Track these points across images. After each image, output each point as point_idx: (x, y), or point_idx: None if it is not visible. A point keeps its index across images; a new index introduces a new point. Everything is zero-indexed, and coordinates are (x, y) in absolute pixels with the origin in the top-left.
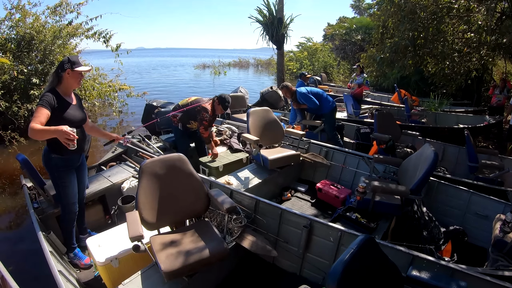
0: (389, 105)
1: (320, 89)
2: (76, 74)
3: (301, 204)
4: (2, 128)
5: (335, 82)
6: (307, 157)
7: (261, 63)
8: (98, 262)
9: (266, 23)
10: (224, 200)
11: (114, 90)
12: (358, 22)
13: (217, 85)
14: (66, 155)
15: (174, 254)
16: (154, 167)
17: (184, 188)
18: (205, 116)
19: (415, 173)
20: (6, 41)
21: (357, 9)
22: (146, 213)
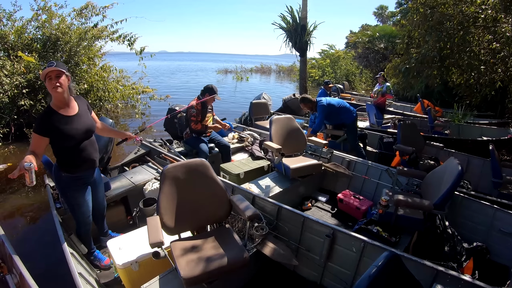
0: (412, 115)
1: (341, 100)
2: (46, 80)
3: (322, 214)
4: (26, 126)
5: (357, 91)
6: (329, 166)
7: (283, 69)
8: (118, 265)
9: (290, 30)
10: (247, 207)
11: (137, 93)
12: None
13: (239, 90)
14: (77, 173)
15: (194, 260)
16: (176, 172)
17: (206, 193)
18: (191, 112)
19: (439, 187)
20: (32, 41)
21: (380, 17)
22: (167, 218)
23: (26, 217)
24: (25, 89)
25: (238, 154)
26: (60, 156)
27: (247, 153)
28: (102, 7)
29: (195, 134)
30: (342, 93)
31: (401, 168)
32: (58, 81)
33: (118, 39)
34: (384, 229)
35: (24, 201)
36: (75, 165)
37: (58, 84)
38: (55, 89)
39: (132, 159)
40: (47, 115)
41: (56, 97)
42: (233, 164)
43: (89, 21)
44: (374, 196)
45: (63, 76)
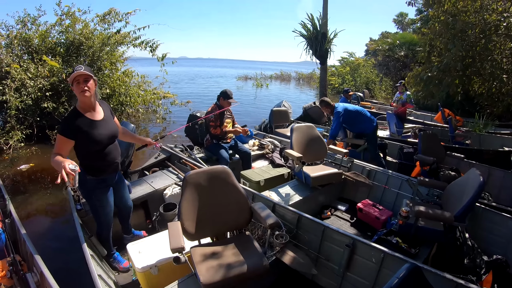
0: (432, 125)
1: (361, 107)
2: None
3: (341, 223)
4: (49, 128)
5: (377, 99)
6: (349, 175)
7: (303, 77)
8: (138, 269)
9: (310, 37)
10: (268, 216)
11: (158, 98)
12: (402, 38)
13: (259, 98)
14: (102, 176)
15: (214, 267)
16: (198, 179)
17: (227, 200)
18: (210, 118)
19: (460, 199)
20: (56, 45)
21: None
22: (188, 224)
23: (46, 218)
24: (48, 91)
25: (258, 161)
26: (86, 160)
27: (267, 160)
28: (125, 14)
29: (215, 141)
30: (362, 101)
31: (422, 179)
32: (86, 85)
33: (140, 45)
34: (403, 240)
35: (45, 202)
36: (100, 169)
37: (86, 88)
38: (83, 92)
39: (152, 163)
40: (73, 118)
41: (83, 101)
42: (253, 171)
43: (112, 27)
44: (394, 206)
45: (91, 80)
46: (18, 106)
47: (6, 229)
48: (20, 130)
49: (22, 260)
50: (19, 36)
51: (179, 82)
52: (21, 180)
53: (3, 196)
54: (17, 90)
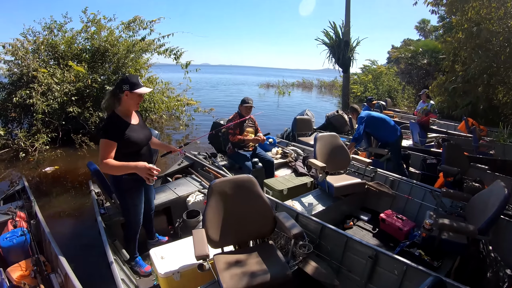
0: (456, 134)
1: (386, 116)
2: (135, 96)
3: (363, 234)
4: (73, 132)
5: (399, 107)
6: (372, 185)
7: (325, 84)
8: (160, 274)
9: (333, 45)
10: (292, 225)
11: (182, 105)
12: (424, 45)
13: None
14: (136, 175)
15: (238, 274)
16: (224, 187)
17: (252, 209)
18: (230, 126)
19: (484, 211)
20: (82, 51)
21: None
22: (212, 231)
23: (70, 220)
24: (74, 96)
25: (281, 169)
26: (123, 160)
27: (290, 168)
28: (149, 21)
29: (236, 149)
30: (385, 110)
31: (446, 190)
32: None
33: (165, 53)
34: (426, 253)
35: (68, 204)
36: None
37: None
38: (137, 105)
39: (175, 170)
40: (115, 122)
41: (128, 109)
42: (276, 180)
43: (137, 34)
44: (416, 217)
45: None
46: (44, 109)
47: (31, 230)
48: (46, 133)
49: (46, 261)
50: (45, 42)
51: (201, 89)
52: (46, 181)
53: (29, 197)
54: (43, 94)
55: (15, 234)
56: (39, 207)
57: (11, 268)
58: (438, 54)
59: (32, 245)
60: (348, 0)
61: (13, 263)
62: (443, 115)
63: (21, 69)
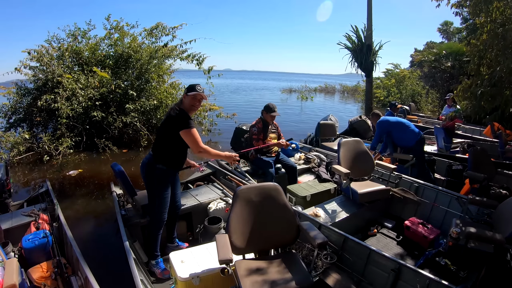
0: (481, 140)
1: (405, 120)
2: (189, 98)
3: (387, 242)
4: (97, 136)
5: (423, 112)
6: (396, 192)
7: (347, 89)
8: (180, 277)
9: (355, 49)
10: (317, 236)
11: (204, 110)
12: (448, 48)
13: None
14: (169, 167)
15: (260, 281)
16: (249, 194)
17: (276, 218)
18: (253, 131)
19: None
20: (105, 58)
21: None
22: (235, 237)
23: (92, 222)
24: (97, 101)
25: (304, 175)
26: (169, 151)
27: (313, 174)
28: (172, 28)
29: (259, 155)
30: (409, 114)
31: (473, 197)
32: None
33: (187, 59)
34: (452, 262)
35: (91, 207)
36: (175, 162)
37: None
38: (194, 107)
39: (197, 177)
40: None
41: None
42: (299, 186)
43: (159, 41)
44: (442, 225)
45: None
46: (68, 114)
47: (53, 232)
48: (70, 137)
49: (67, 263)
50: (70, 49)
51: (223, 94)
52: (70, 185)
53: (52, 200)
54: (68, 99)
55: (38, 236)
56: (62, 210)
57: (32, 269)
58: (462, 57)
59: (53, 247)
60: (370, 3)
61: (34, 264)
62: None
63: (46, 74)
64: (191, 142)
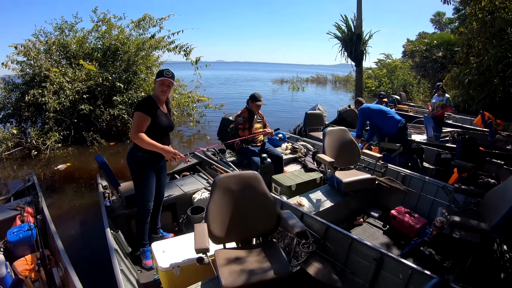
0: (472, 129)
1: (386, 107)
2: (157, 84)
3: (373, 231)
4: (86, 130)
5: (414, 102)
6: (383, 181)
7: (339, 79)
8: (160, 267)
9: (345, 39)
10: (295, 224)
11: (193, 101)
12: (439, 38)
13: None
14: (150, 156)
15: (237, 271)
16: (228, 183)
17: (256, 207)
18: (239, 121)
19: (499, 208)
20: (93, 50)
21: (438, 24)
22: (214, 226)
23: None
24: (85, 94)
25: (290, 165)
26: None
27: (299, 164)
28: (159, 19)
29: (245, 144)
30: (399, 104)
31: (459, 186)
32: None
33: (175, 50)
34: (437, 252)
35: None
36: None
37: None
38: (163, 92)
39: (183, 168)
40: (150, 102)
41: (158, 97)
42: (285, 175)
43: (147, 32)
44: (429, 214)
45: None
46: (56, 108)
47: (38, 225)
48: (58, 132)
49: (51, 255)
50: (57, 42)
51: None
52: (58, 179)
53: (37, 193)
54: (56, 93)
55: (22, 229)
56: (49, 203)
57: (17, 262)
58: (453, 47)
59: (37, 240)
60: None
61: (19, 257)
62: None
63: (33, 69)
64: (133, 124)
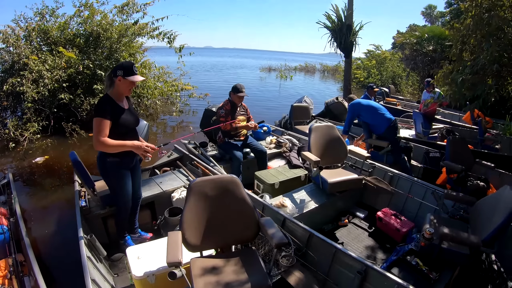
0: (461, 126)
1: (378, 104)
2: (127, 82)
3: (358, 233)
4: (66, 120)
5: (403, 94)
6: (370, 181)
7: (328, 69)
8: (135, 276)
9: (335, 29)
10: (275, 234)
11: (176, 90)
12: (430, 31)
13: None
14: (122, 158)
15: (213, 283)
16: (204, 187)
17: (234, 213)
18: (220, 113)
19: (490, 219)
20: (75, 37)
21: (428, 17)
22: (189, 234)
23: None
24: (65, 83)
25: (274, 160)
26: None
27: (284, 159)
28: (143, 4)
29: (227, 138)
30: (388, 97)
31: (449, 191)
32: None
33: (158, 37)
34: (424, 262)
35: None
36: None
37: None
38: (130, 91)
39: (164, 162)
40: (108, 102)
41: (120, 94)
42: (268, 172)
43: (130, 18)
44: (416, 217)
45: None
46: (34, 97)
47: (11, 228)
48: (37, 122)
49: (24, 261)
50: (37, 28)
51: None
52: (34, 173)
53: (11, 193)
54: (35, 81)
55: None
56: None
57: None
58: (444, 41)
59: (10, 244)
60: None
61: None
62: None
63: (12, 56)
64: (94, 130)
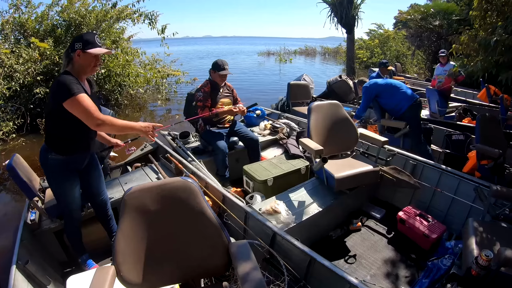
0: (478, 104)
1: (396, 81)
2: (89, 57)
3: (375, 240)
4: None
5: (408, 73)
6: (388, 172)
7: (329, 51)
8: None
9: (335, 3)
10: (250, 275)
11: (162, 76)
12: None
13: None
14: (67, 155)
15: None
16: (143, 199)
17: (192, 232)
18: (198, 97)
19: None
20: (55, 27)
21: None
22: (126, 269)
23: None
24: (39, 76)
25: (270, 149)
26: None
27: (281, 148)
28: None
29: (209, 126)
30: (395, 75)
31: (499, 188)
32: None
33: (138, 19)
34: None
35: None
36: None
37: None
38: (94, 69)
39: (137, 156)
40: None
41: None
42: (260, 165)
43: (110, 3)
44: (446, 216)
45: None
46: (5, 94)
47: None
48: (12, 120)
49: None
50: (11, 21)
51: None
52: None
53: None
54: (9, 76)
55: None
56: None
57: None
58: (451, 16)
59: None
60: None
61: None
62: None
63: None
64: (82, 113)
